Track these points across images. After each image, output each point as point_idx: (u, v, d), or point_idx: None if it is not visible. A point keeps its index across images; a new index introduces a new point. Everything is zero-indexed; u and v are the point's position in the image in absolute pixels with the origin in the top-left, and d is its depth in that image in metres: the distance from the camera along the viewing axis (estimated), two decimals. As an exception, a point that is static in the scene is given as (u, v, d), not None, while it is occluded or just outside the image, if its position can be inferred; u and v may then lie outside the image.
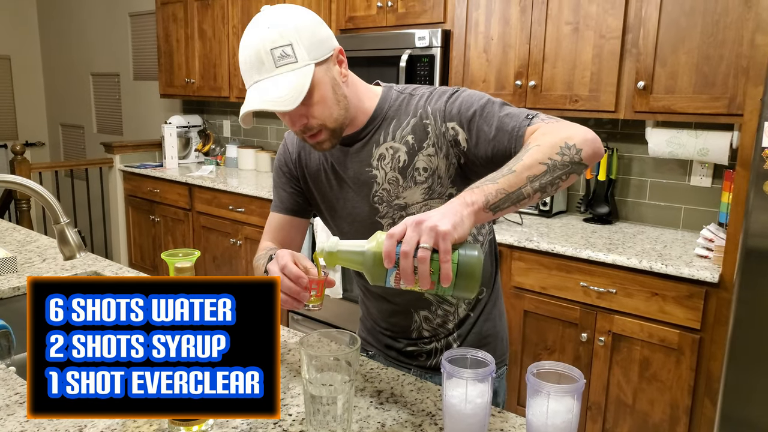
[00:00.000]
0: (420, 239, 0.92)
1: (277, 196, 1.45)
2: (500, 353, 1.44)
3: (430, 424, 1.10)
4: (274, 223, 1.45)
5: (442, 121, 1.23)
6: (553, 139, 1.06)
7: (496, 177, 1.02)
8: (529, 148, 1.06)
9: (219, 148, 4.94)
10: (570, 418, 0.96)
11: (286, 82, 1.11)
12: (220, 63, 4.26)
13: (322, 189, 1.38)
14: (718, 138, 2.47)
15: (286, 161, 1.42)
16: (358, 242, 1.01)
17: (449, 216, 0.94)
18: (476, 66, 2.94)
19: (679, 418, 2.28)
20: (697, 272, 2.16)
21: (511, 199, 1.01)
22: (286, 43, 1.12)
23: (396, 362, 1.45)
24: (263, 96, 1.11)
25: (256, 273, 1.35)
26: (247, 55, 1.14)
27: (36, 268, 1.97)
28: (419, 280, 0.94)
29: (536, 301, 2.57)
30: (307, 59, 1.13)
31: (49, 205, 1.43)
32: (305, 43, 1.13)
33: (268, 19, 1.14)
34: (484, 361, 1.05)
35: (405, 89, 1.31)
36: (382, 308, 1.43)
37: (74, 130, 6.48)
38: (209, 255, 4.13)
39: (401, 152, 1.26)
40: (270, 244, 1.43)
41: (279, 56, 1.11)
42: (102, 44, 5.87)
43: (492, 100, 1.21)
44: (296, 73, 1.12)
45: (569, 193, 3.11)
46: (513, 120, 1.16)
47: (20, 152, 4.42)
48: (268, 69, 1.12)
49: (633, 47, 2.51)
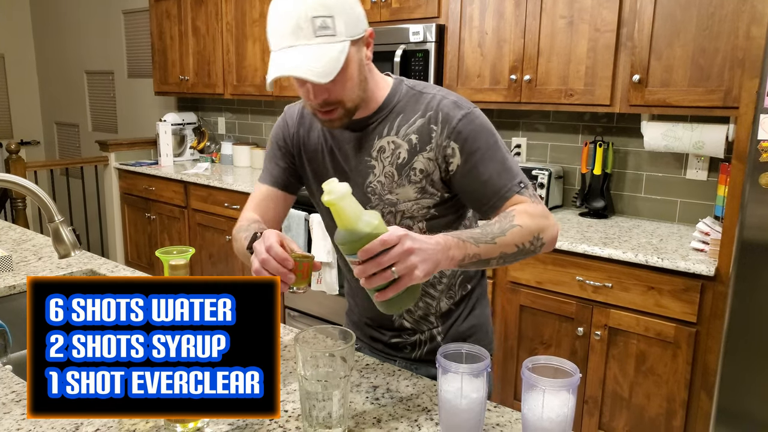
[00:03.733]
0: (396, 265, 0.97)
1: (267, 169, 1.43)
2: (485, 344, 1.47)
3: (426, 419, 1.11)
4: (260, 194, 1.43)
5: (448, 136, 1.23)
6: (531, 227, 1.16)
7: (479, 239, 1.10)
8: (513, 225, 1.14)
9: (214, 145, 4.93)
10: (565, 412, 0.96)
11: (323, 53, 1.10)
12: (215, 60, 4.24)
13: (318, 169, 1.37)
14: (713, 131, 2.48)
15: (284, 135, 1.41)
16: (360, 211, 0.99)
17: (430, 264, 1.00)
18: (471, 61, 2.94)
19: (675, 412, 2.29)
20: (693, 266, 2.17)
21: (479, 264, 1.12)
22: (328, 14, 1.10)
23: (382, 354, 1.47)
24: (298, 64, 1.09)
25: (236, 245, 1.33)
26: (283, 18, 1.10)
27: (32, 267, 1.96)
28: (365, 280, 0.99)
29: (532, 295, 2.57)
30: (345, 35, 1.12)
31: (44, 204, 1.42)
32: (345, 18, 1.12)
33: None
34: (479, 355, 1.05)
35: (415, 86, 1.30)
36: (365, 298, 1.43)
37: (69, 128, 6.45)
38: (205, 252, 4.12)
39: (402, 149, 1.26)
40: (253, 215, 1.39)
41: (320, 26, 1.09)
42: (96, 42, 5.85)
43: (498, 142, 1.25)
44: (334, 46, 1.11)
45: (565, 187, 3.11)
46: (507, 178, 1.22)
47: (15, 151, 4.41)
48: (306, 36, 1.09)
49: (628, 40, 2.51)
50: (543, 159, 3.18)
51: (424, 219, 1.31)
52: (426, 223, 1.31)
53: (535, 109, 2.91)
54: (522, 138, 3.21)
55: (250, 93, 4.09)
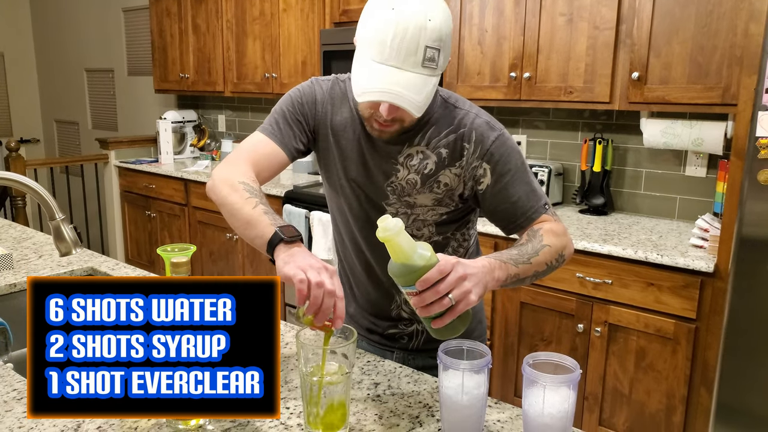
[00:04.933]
0: (452, 291, 0.99)
1: (278, 125, 1.32)
2: (479, 334, 1.50)
3: (427, 415, 1.11)
4: (261, 149, 1.31)
5: (480, 156, 1.26)
6: (557, 246, 1.22)
7: (517, 260, 1.14)
8: (543, 245, 1.19)
9: (214, 142, 4.93)
10: (566, 407, 0.97)
11: (424, 86, 1.11)
12: (215, 57, 4.24)
13: (344, 147, 1.33)
14: (712, 128, 2.48)
15: (311, 105, 1.33)
16: (413, 244, 1.00)
17: (482, 286, 1.04)
18: (471, 58, 2.94)
19: (675, 408, 2.29)
20: (692, 262, 2.17)
21: (516, 282, 1.16)
22: (438, 47, 1.10)
23: (379, 346, 1.48)
24: (401, 91, 1.09)
25: (241, 203, 1.18)
26: (400, 35, 1.07)
27: (32, 265, 1.97)
28: (422, 309, 1.01)
29: (532, 292, 2.58)
30: (440, 70, 1.14)
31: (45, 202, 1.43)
32: (446, 53, 1.13)
33: (429, 8, 1.09)
34: (480, 351, 1.05)
35: (449, 97, 1.31)
36: (364, 286, 1.45)
37: (69, 126, 6.45)
38: (206, 250, 4.13)
39: (430, 161, 1.28)
40: (251, 172, 1.27)
41: (429, 57, 1.10)
42: (96, 40, 5.85)
43: (526, 165, 1.29)
44: (433, 80, 1.13)
45: (565, 184, 3.11)
46: (534, 200, 1.27)
47: (15, 149, 4.41)
48: (414, 63, 1.09)
49: (627, 38, 2.51)
50: (543, 156, 3.19)
51: (435, 223, 1.34)
52: (436, 227, 1.34)
53: (535, 107, 2.92)
54: (522, 135, 3.21)
55: (250, 91, 4.09)
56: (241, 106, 4.77)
